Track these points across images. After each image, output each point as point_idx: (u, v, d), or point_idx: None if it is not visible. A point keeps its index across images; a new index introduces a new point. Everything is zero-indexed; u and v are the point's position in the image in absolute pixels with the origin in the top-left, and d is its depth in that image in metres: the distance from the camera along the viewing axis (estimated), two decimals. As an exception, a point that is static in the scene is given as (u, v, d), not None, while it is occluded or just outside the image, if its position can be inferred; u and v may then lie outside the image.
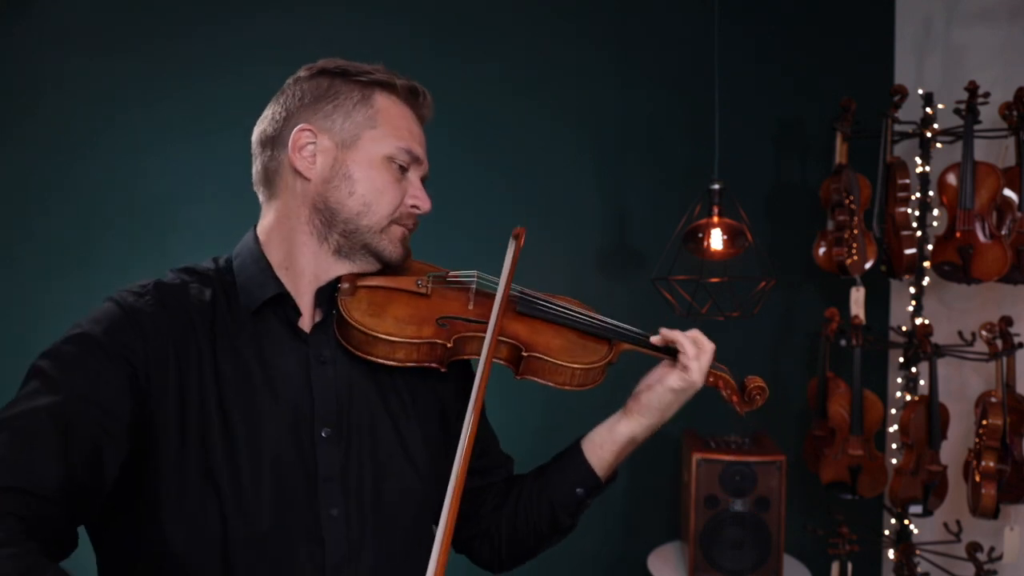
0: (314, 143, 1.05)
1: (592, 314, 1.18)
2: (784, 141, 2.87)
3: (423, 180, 1.13)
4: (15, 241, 2.24)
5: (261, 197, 1.10)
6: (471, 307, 1.12)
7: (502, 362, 1.10)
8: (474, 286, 1.14)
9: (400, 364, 1.04)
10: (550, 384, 1.10)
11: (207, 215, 2.29)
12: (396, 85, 1.08)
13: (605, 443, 1.16)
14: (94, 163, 2.27)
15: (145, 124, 2.29)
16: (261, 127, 1.09)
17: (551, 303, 1.17)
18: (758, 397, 1.19)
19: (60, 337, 0.93)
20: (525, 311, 1.14)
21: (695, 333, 1.15)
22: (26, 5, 2.21)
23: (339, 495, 1.00)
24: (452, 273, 1.16)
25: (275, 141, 1.07)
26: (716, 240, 2.28)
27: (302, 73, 1.09)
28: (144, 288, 0.99)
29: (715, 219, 2.30)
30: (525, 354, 1.08)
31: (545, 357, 1.09)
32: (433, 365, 1.05)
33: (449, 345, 1.05)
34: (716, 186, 2.30)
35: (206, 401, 0.95)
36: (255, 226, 1.10)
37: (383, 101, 1.08)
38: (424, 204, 1.10)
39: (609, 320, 1.18)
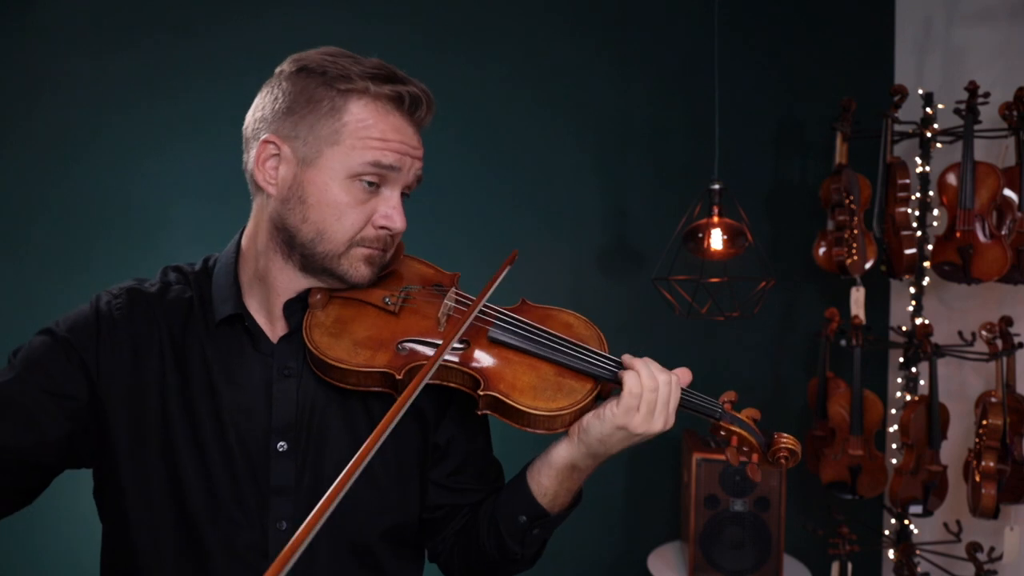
0: (278, 155, 0.98)
1: (582, 345, 1.00)
2: (784, 141, 2.87)
3: (409, 190, 1.03)
4: (14, 240, 2.24)
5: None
6: (442, 328, 1.00)
7: (464, 389, 0.99)
8: (451, 302, 1.03)
9: (353, 389, 0.97)
10: (511, 424, 0.96)
11: (205, 215, 2.29)
12: (371, 92, 0.97)
13: (542, 468, 1.03)
14: (93, 163, 2.26)
15: (144, 124, 2.28)
16: (246, 122, 1.03)
17: (533, 329, 1.01)
18: (784, 460, 0.97)
19: None
20: (498, 339, 1.00)
21: (649, 373, 0.96)
22: (26, 5, 2.21)
23: (289, 509, 0.98)
24: (430, 286, 1.05)
25: (249, 144, 1.02)
26: (716, 240, 2.28)
27: (285, 66, 1.01)
28: (120, 290, 1.02)
29: (715, 219, 2.30)
30: (481, 392, 0.95)
31: (503, 397, 0.94)
32: (385, 390, 0.97)
33: (399, 377, 0.95)
34: (716, 186, 2.30)
35: (167, 405, 0.97)
36: (243, 227, 1.07)
37: (356, 111, 0.97)
38: (396, 223, 0.99)
39: (592, 352, 1.00)
